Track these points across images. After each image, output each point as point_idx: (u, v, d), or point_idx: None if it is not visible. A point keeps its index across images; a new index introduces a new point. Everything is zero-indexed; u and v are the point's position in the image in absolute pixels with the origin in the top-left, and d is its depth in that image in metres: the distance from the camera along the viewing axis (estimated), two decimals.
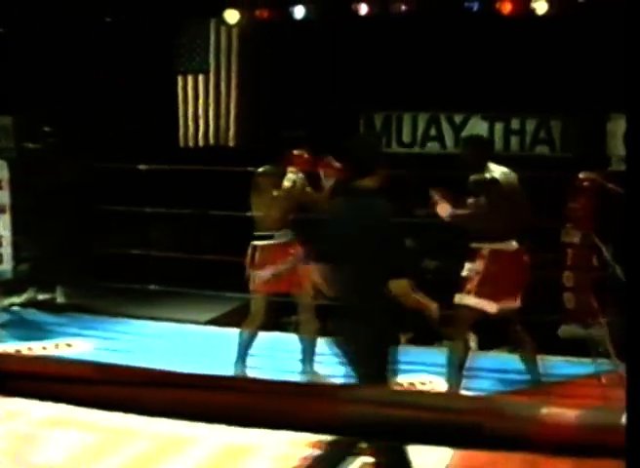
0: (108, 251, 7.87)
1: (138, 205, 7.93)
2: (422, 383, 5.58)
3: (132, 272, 7.72)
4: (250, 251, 5.77)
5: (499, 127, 10.78)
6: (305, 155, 5.68)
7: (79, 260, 7.86)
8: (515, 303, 5.24)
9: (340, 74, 10.11)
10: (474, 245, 5.29)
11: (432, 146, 11.00)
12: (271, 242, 5.76)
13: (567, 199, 6.04)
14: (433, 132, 11.02)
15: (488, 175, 5.17)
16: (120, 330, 6.99)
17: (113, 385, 0.89)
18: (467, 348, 5.36)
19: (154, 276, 7.74)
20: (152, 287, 7.75)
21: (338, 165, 5.60)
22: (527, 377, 5.42)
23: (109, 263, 7.98)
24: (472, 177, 5.20)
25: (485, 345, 6.34)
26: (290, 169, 5.72)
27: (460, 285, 5.23)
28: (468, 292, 5.18)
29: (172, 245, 9.21)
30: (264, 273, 5.72)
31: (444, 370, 5.40)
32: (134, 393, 0.89)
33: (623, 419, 0.78)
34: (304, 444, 4.53)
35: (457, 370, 5.25)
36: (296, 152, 5.66)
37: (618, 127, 10.04)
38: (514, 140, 10.85)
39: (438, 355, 5.42)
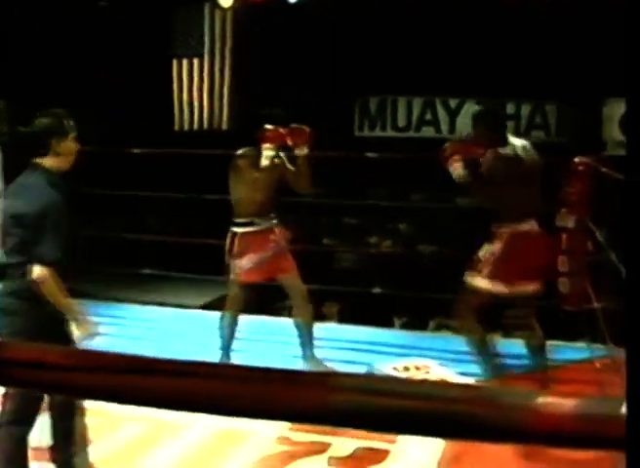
0: (102, 235, 7.84)
1: (132, 189, 7.90)
2: (417, 368, 5.58)
3: (125, 256, 7.70)
4: (229, 238, 5.45)
5: None
6: (280, 130, 5.28)
7: (72, 245, 7.82)
8: (531, 287, 5.02)
9: (335, 58, 10.08)
10: (493, 227, 5.03)
11: (427, 131, 10.99)
12: (251, 229, 5.42)
13: (562, 183, 6.01)
14: (428, 116, 11.01)
15: (508, 151, 4.91)
16: (113, 314, 6.97)
17: (84, 372, 0.88)
18: (481, 331, 5.16)
19: (148, 260, 7.73)
20: (146, 271, 7.73)
21: (306, 128, 5.34)
22: (531, 364, 5.31)
23: (103, 247, 7.96)
24: (490, 151, 4.92)
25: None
26: (265, 145, 5.29)
27: (472, 264, 5.02)
28: (480, 272, 4.97)
29: (166, 229, 9.20)
30: (244, 263, 5.39)
31: (438, 353, 5.40)
32: (106, 380, 0.87)
33: (623, 409, 0.77)
34: (297, 428, 4.54)
35: (484, 355, 5.12)
36: (268, 127, 5.27)
37: (613, 111, 10.02)
38: (509, 125, 10.83)
39: (432, 339, 5.42)
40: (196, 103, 10.50)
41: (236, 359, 5.47)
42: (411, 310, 8.34)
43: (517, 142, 5.02)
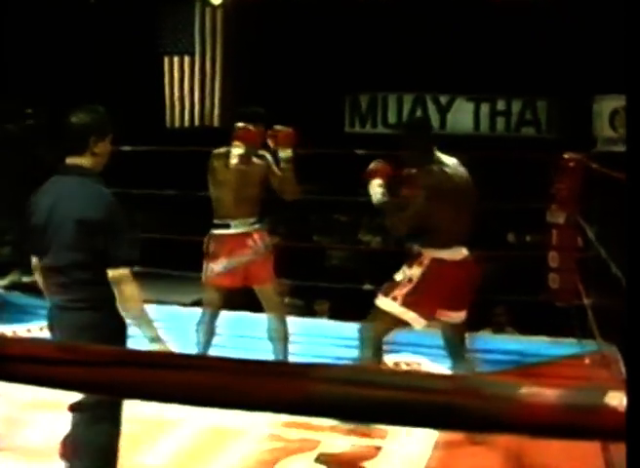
0: None
1: (122, 186, 7.88)
2: (407, 364, 5.59)
3: None
4: (206, 239, 5.23)
5: (484, 108, 10.80)
6: (251, 128, 4.94)
7: None
8: (456, 316, 4.49)
9: (326, 54, 10.08)
10: (415, 248, 4.48)
11: None
12: (226, 231, 5.12)
13: (552, 180, 6.03)
14: (419, 113, 11.03)
15: (434, 168, 4.35)
16: None
17: (77, 366, 0.88)
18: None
19: (138, 257, 7.70)
20: (136, 268, 7.70)
21: (289, 129, 5.05)
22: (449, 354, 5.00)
23: None
24: (416, 169, 4.41)
25: (468, 326, 6.33)
26: (234, 143, 4.96)
27: (388, 287, 4.48)
28: (394, 299, 4.39)
29: (156, 226, 9.18)
30: (216, 266, 5.14)
31: (429, 350, 5.40)
32: (98, 373, 0.87)
33: (605, 399, 0.77)
34: (291, 425, 4.55)
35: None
36: (239, 125, 4.95)
37: (603, 108, 10.05)
38: (500, 121, 10.86)
39: (423, 335, 5.40)
40: (187, 100, 10.49)
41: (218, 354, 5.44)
42: None
43: (446, 160, 4.48)
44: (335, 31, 9.96)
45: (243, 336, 6.07)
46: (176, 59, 10.33)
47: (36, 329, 6.46)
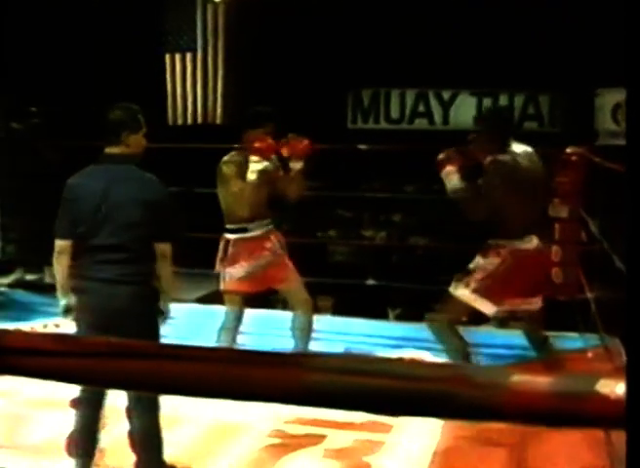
0: None
1: None
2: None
3: None
4: (221, 244, 5.17)
5: (487, 102, 10.78)
6: (268, 141, 4.97)
7: None
8: (531, 305, 4.63)
9: (328, 50, 10.07)
10: (491, 241, 4.54)
11: (420, 122, 11.00)
12: (244, 235, 5.09)
13: (555, 174, 6.02)
14: (421, 108, 11.02)
15: (507, 157, 4.43)
16: None
17: (74, 357, 0.88)
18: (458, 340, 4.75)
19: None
20: None
21: (304, 142, 5.09)
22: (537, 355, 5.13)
23: None
24: (489, 158, 4.45)
25: (474, 320, 6.34)
26: (252, 158, 4.96)
27: (461, 275, 4.59)
28: (467, 286, 4.51)
29: None
30: (236, 271, 5.07)
31: (432, 345, 5.40)
32: (95, 364, 0.88)
33: (597, 387, 0.78)
34: (294, 420, 4.56)
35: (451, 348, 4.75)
36: (257, 144, 4.94)
37: (605, 101, 10.04)
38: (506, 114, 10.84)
39: (426, 330, 5.41)
40: (190, 98, 10.49)
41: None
42: (405, 302, 8.35)
43: (519, 149, 4.56)
44: (336, 27, 9.95)
45: (256, 334, 6.06)
46: (178, 56, 10.33)
47: (39, 326, 6.48)
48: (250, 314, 5.46)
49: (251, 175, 4.96)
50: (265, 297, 7.52)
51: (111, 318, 3.62)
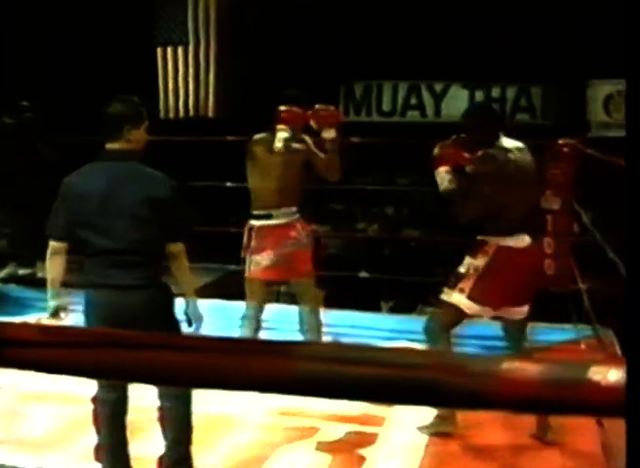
0: None
1: None
2: None
3: None
4: (246, 231, 4.97)
5: (479, 95, 10.80)
6: (294, 109, 4.72)
7: None
8: (520, 310, 4.38)
9: (320, 43, 10.06)
10: (479, 237, 4.34)
11: (413, 115, 11.01)
12: (270, 222, 4.90)
13: (547, 166, 6.02)
14: (414, 100, 11.03)
15: (495, 152, 4.26)
16: None
17: (61, 347, 0.88)
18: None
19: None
20: None
21: (331, 108, 4.89)
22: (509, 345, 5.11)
23: None
24: (478, 153, 4.28)
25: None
26: (279, 127, 4.70)
27: (451, 280, 4.37)
28: (461, 291, 4.28)
29: None
30: (261, 259, 4.90)
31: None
32: (82, 355, 0.88)
33: (588, 374, 0.78)
34: (288, 413, 4.56)
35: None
36: (282, 108, 4.72)
37: (597, 93, 10.05)
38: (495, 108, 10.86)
39: (420, 322, 5.41)
40: (181, 91, 10.47)
41: None
42: (398, 294, 8.36)
43: (509, 144, 4.39)
44: (328, 20, 9.94)
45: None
46: (169, 50, 10.31)
47: (33, 321, 6.46)
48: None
49: (278, 143, 4.70)
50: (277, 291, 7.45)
51: (128, 326, 3.25)
